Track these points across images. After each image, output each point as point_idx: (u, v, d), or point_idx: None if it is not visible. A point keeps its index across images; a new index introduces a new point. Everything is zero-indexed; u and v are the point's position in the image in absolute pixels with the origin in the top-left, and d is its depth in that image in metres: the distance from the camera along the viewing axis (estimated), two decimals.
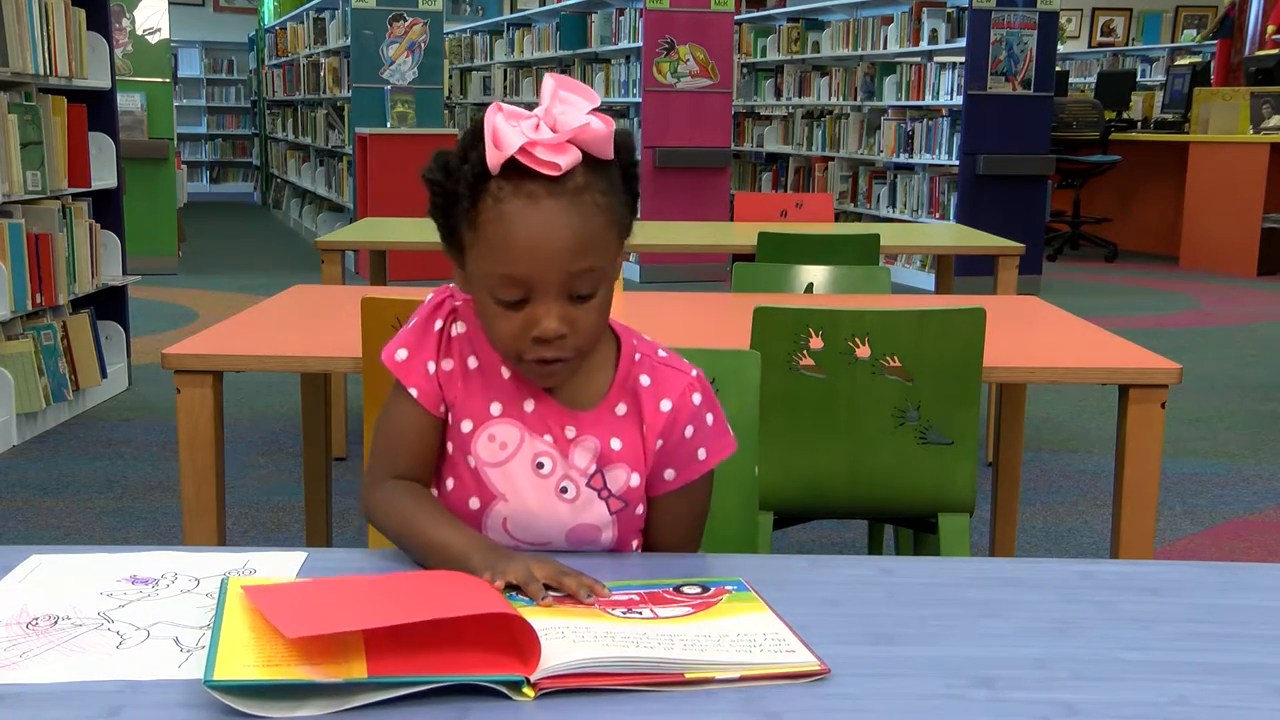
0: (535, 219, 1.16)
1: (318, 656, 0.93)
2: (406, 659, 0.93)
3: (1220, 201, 9.40)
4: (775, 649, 1.00)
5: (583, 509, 1.28)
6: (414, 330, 1.30)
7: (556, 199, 1.16)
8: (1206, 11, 14.45)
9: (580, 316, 1.20)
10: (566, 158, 1.15)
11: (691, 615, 1.06)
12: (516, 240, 1.16)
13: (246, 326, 2.54)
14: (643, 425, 1.28)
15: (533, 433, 1.27)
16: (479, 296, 1.22)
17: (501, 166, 1.16)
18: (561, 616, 1.04)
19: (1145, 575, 1.23)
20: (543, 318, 1.18)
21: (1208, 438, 4.66)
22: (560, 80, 1.18)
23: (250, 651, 0.94)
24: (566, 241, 1.16)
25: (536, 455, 1.27)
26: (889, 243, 4.04)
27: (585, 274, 1.18)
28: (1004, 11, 7.76)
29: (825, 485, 2.23)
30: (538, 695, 0.92)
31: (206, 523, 2.27)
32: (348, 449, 4.17)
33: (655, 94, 8.21)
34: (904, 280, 8.35)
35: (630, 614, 1.06)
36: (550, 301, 1.18)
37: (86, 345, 4.75)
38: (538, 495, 1.27)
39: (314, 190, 10.91)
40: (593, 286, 1.20)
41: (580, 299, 1.19)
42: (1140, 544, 2.33)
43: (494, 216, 1.17)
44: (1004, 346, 2.36)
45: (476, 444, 1.27)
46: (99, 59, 4.98)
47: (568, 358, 1.22)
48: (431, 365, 1.28)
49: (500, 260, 1.17)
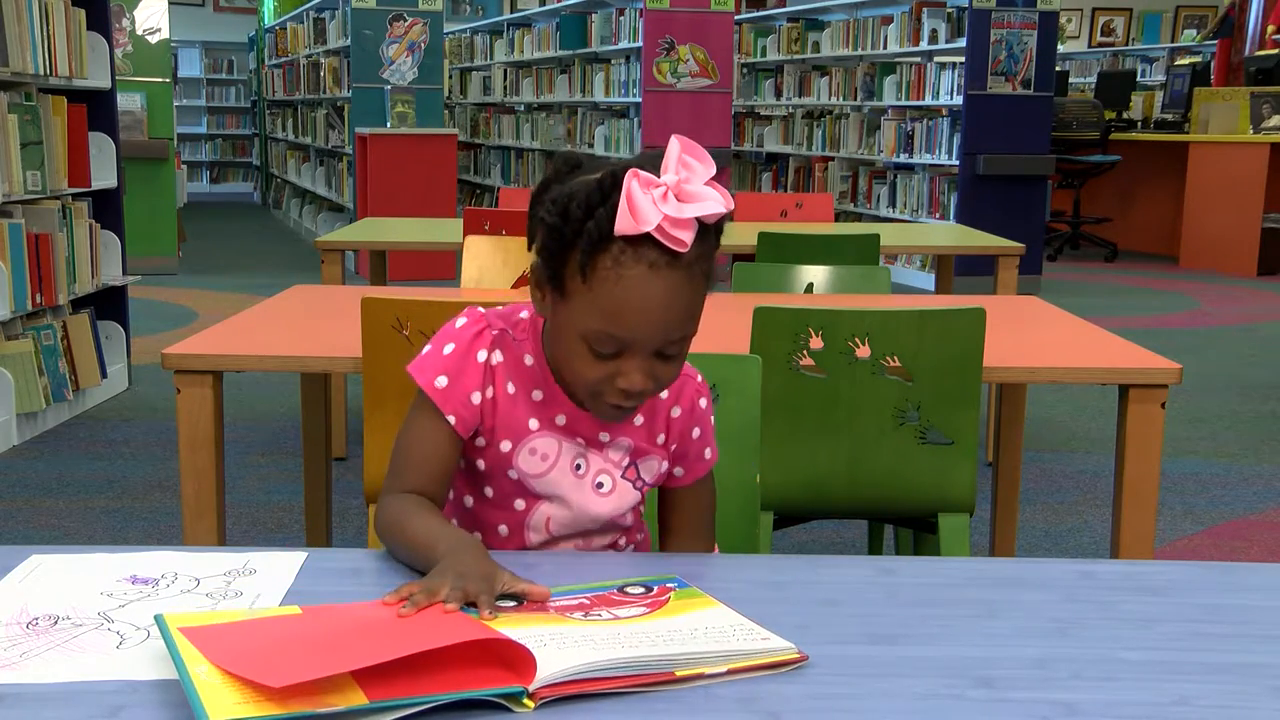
0: (653, 290, 1.18)
1: (309, 689, 0.90)
2: (402, 681, 0.92)
3: (1220, 201, 9.40)
4: (748, 638, 1.02)
5: (618, 499, 1.34)
6: (455, 358, 1.30)
7: (675, 272, 1.18)
8: (1206, 11, 14.45)
9: (664, 371, 1.24)
10: (691, 234, 1.17)
11: (649, 615, 1.07)
12: (631, 305, 1.18)
13: (246, 326, 2.54)
14: (659, 428, 1.35)
15: (568, 439, 1.32)
16: (569, 336, 1.23)
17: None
18: (531, 624, 1.03)
19: (1145, 575, 1.23)
20: (633, 372, 1.22)
21: (1208, 438, 4.66)
22: (684, 144, 1.18)
23: (230, 690, 0.90)
24: (677, 314, 1.20)
25: (574, 458, 1.32)
26: (889, 243, 4.04)
27: (681, 340, 1.24)
28: (1004, 11, 7.76)
29: (825, 485, 2.23)
30: (537, 705, 0.92)
31: (206, 523, 2.27)
32: (348, 449, 4.17)
33: (655, 94, 8.20)
34: (904, 280, 8.35)
35: (590, 617, 1.06)
36: (643, 359, 1.22)
37: (86, 345, 4.75)
38: (577, 494, 1.33)
39: (314, 190, 10.91)
40: (682, 348, 1.25)
41: (668, 357, 1.23)
42: (1140, 544, 2.33)
43: (612, 277, 1.18)
44: (1004, 346, 2.36)
45: (518, 459, 1.31)
46: (99, 59, 4.98)
47: (641, 404, 1.28)
48: (477, 396, 1.29)
49: (609, 320, 1.19)
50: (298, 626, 1.04)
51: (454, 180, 8.55)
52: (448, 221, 4.94)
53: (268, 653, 0.96)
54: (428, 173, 8.23)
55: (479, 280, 3.29)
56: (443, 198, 8.29)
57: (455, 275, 4.43)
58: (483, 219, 3.83)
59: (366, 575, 1.18)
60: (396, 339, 2.07)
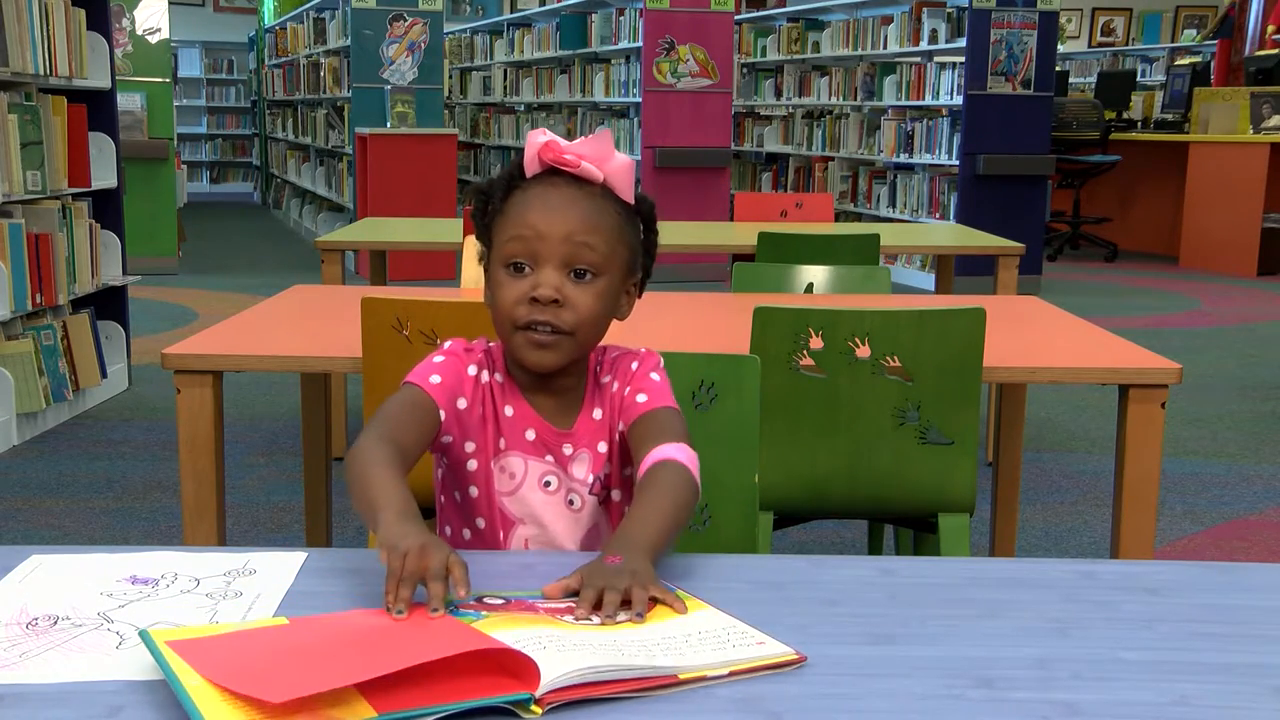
0: (553, 196, 1.33)
1: (311, 704, 0.89)
2: (408, 692, 0.92)
3: (1220, 201, 9.40)
4: (745, 642, 1.02)
5: (588, 515, 1.41)
6: (446, 366, 1.38)
7: (575, 188, 1.34)
8: (1206, 11, 14.45)
9: (577, 295, 1.32)
10: (589, 165, 1.33)
11: (641, 620, 1.06)
12: (533, 208, 1.33)
13: (246, 326, 2.54)
14: (604, 407, 1.41)
15: (535, 457, 1.39)
16: (493, 277, 1.36)
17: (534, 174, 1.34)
18: (526, 626, 1.03)
19: (1145, 575, 1.23)
20: (544, 284, 1.31)
21: (1208, 438, 4.66)
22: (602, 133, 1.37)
23: (228, 704, 0.89)
24: (575, 217, 1.32)
25: (543, 475, 1.39)
26: (889, 243, 4.04)
27: (585, 249, 1.32)
28: (1004, 11, 7.75)
29: (825, 485, 2.23)
30: (544, 711, 0.92)
31: (206, 523, 2.27)
32: (347, 449, 4.17)
33: (655, 94, 8.21)
34: (904, 280, 8.35)
35: (583, 620, 1.06)
36: (551, 270, 1.32)
37: (86, 345, 4.75)
38: (549, 511, 1.39)
39: (314, 190, 10.91)
40: (592, 266, 1.33)
41: (579, 276, 1.32)
42: (1140, 544, 2.33)
43: (520, 199, 1.35)
44: (1004, 346, 2.36)
45: (492, 478, 1.39)
46: (99, 59, 4.98)
47: (562, 330, 1.32)
48: (462, 402, 1.37)
49: (513, 225, 1.33)
50: (289, 638, 1.02)
51: (454, 180, 8.55)
52: (448, 221, 4.94)
53: (263, 667, 0.94)
54: (427, 173, 8.23)
55: (479, 280, 3.26)
56: (443, 198, 8.28)
57: (455, 275, 4.43)
58: None
59: (366, 575, 1.18)
60: (396, 339, 2.07)
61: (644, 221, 1.41)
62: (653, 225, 1.43)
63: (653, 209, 1.42)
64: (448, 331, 2.08)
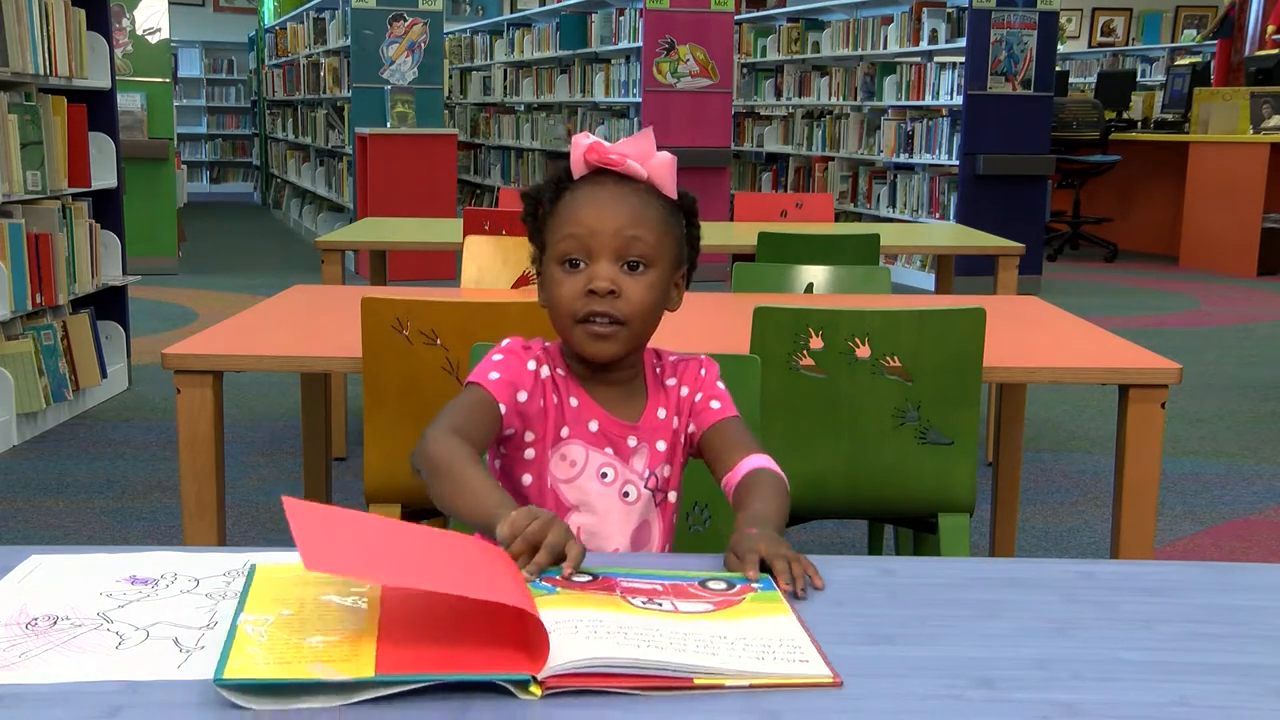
0: (599, 193, 1.40)
1: (329, 653, 0.94)
2: (414, 653, 0.94)
3: (1220, 201, 9.40)
4: (789, 657, 0.99)
5: (640, 509, 1.46)
6: (505, 363, 1.42)
7: (622, 185, 1.40)
8: (1206, 11, 14.45)
9: (630, 285, 1.39)
10: (633, 163, 1.40)
11: (712, 613, 1.06)
12: (584, 207, 1.40)
13: (246, 326, 2.54)
14: (670, 408, 1.47)
15: (596, 448, 1.44)
16: (550, 274, 1.42)
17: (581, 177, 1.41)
18: (579, 606, 1.03)
19: (1145, 575, 1.23)
20: (599, 276, 1.38)
21: (1208, 438, 4.66)
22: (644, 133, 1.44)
23: (261, 650, 0.95)
24: (623, 211, 1.39)
25: (601, 466, 1.44)
26: (889, 243, 4.04)
27: (635, 241, 1.39)
28: (1004, 11, 7.75)
29: (825, 485, 2.23)
30: (544, 694, 0.92)
31: (206, 523, 2.27)
32: (348, 449, 4.18)
33: (655, 94, 8.20)
34: (904, 280, 8.35)
35: (650, 604, 1.06)
36: (605, 263, 1.38)
37: (86, 345, 4.75)
38: (604, 501, 1.44)
39: (314, 190, 10.91)
40: (643, 257, 1.40)
41: (631, 268, 1.39)
42: (1140, 544, 2.33)
43: (570, 200, 1.41)
44: (1004, 346, 2.36)
45: (550, 464, 1.44)
46: (99, 59, 4.98)
47: (619, 319, 1.38)
48: (523, 395, 1.41)
49: (566, 224, 1.40)
50: (383, 532, 1.11)
51: (454, 180, 8.55)
52: (448, 221, 4.94)
53: (331, 540, 1.05)
54: (428, 173, 8.23)
55: (479, 280, 3.29)
56: (443, 198, 8.28)
57: (455, 275, 4.43)
58: (483, 219, 3.83)
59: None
60: (396, 339, 2.07)
61: (686, 215, 1.48)
62: (695, 219, 1.50)
63: (694, 203, 1.49)
64: (448, 331, 2.08)
